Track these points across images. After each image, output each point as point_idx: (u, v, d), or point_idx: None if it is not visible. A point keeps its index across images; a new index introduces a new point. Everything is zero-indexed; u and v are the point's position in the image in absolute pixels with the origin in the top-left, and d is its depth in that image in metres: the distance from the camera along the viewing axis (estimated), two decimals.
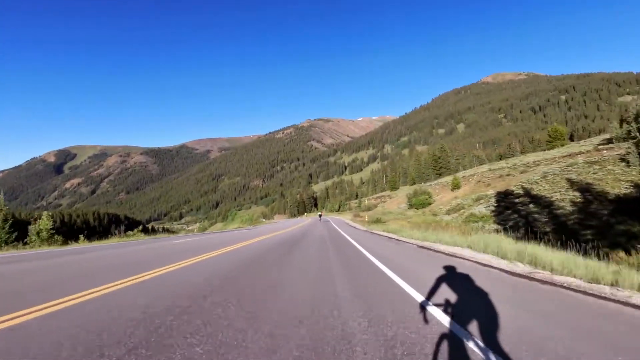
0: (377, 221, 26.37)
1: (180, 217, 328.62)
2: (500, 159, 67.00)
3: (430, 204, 41.41)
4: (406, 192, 65.94)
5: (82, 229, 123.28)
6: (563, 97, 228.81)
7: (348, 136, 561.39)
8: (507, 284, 5.35)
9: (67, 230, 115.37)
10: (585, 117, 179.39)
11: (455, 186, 42.30)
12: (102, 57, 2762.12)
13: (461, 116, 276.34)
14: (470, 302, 4.23)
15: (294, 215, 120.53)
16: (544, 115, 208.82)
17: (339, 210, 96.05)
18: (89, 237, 33.98)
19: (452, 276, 5.87)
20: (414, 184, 77.95)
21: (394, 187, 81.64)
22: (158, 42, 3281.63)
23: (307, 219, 62.63)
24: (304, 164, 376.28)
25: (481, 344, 2.88)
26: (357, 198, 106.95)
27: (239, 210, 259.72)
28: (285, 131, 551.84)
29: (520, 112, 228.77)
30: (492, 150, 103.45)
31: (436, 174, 74.20)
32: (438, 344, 2.88)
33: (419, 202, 41.84)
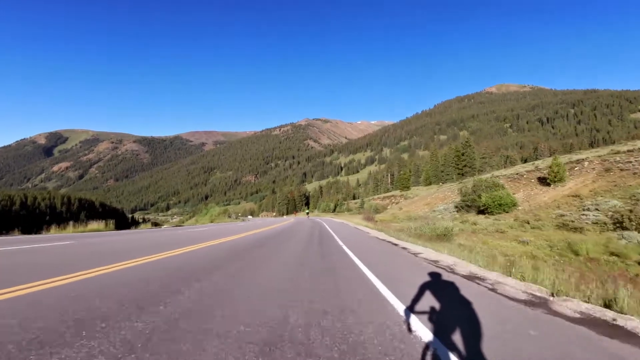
0: (444, 237, 14.46)
1: (168, 208, 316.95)
2: (525, 162, 57.64)
3: (514, 204, 25.43)
4: (428, 191, 53.67)
5: (45, 214, 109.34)
6: (572, 111, 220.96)
7: (346, 138, 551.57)
8: None
9: (27, 214, 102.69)
10: (597, 130, 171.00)
11: (557, 178, 27.21)
12: (111, 47, 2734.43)
13: (464, 123, 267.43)
14: None
15: (282, 214, 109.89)
16: (552, 127, 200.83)
17: (335, 210, 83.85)
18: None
19: None
20: (430, 184, 67.13)
21: (405, 187, 70.33)
22: (164, 36, 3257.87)
23: (291, 219, 51.57)
24: (298, 162, 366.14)
25: None
26: (354, 198, 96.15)
27: (228, 205, 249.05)
28: (282, 128, 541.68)
29: (527, 122, 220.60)
30: (509, 156, 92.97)
31: (458, 173, 63.42)
32: None
33: (494, 203, 25.76)
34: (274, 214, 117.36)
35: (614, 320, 3.50)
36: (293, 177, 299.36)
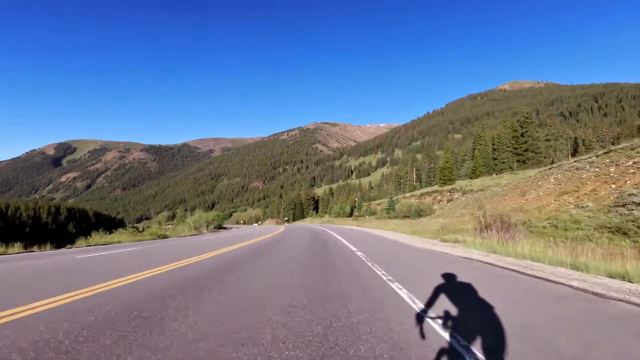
0: None
1: (173, 217, 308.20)
2: (589, 150, 46.52)
3: None
4: (520, 176, 36.75)
5: (26, 225, 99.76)
6: (595, 104, 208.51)
7: (355, 141, 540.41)
8: None
9: (3, 226, 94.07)
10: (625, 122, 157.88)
11: None
12: (114, 57, 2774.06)
13: (479, 121, 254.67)
14: None
15: (288, 221, 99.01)
16: (577, 121, 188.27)
17: (352, 214, 70.05)
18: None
19: None
20: (478, 175, 54.17)
21: (448, 180, 56.54)
22: (170, 44, 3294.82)
23: (280, 229, 36.95)
24: (307, 167, 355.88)
25: None
26: (370, 201, 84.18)
27: (234, 212, 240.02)
28: (290, 133, 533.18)
29: (548, 116, 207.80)
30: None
31: (518, 160, 50.94)
32: None
33: None
34: (276, 221, 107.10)
35: None
36: (302, 181, 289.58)
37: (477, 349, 2.93)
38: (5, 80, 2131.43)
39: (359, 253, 10.78)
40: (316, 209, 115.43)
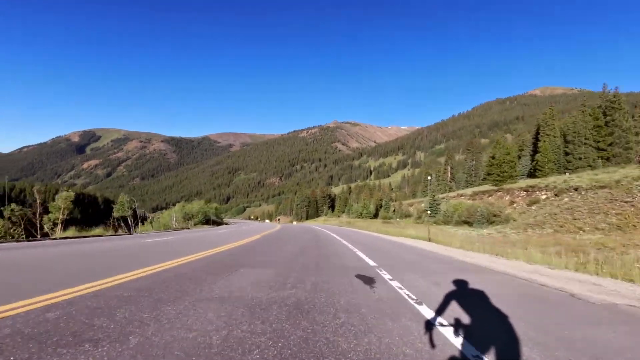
0: None
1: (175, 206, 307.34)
2: None
3: None
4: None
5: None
6: (637, 111, 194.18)
7: (375, 142, 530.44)
8: None
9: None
10: None
11: None
12: (142, 52, 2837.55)
13: (508, 126, 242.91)
14: None
15: (300, 219, 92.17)
16: None
17: (376, 215, 61.39)
18: None
19: None
20: (547, 174, 41.60)
21: (508, 177, 45.54)
22: (195, 39, 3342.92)
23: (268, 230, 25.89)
24: (325, 165, 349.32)
25: None
26: (394, 201, 76.18)
27: (248, 207, 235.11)
28: (310, 131, 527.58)
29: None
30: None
31: (601, 157, 41.49)
32: None
33: None
34: (290, 219, 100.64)
35: None
36: (319, 179, 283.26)
37: None
38: (40, 69, 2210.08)
39: None
40: (332, 207, 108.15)
